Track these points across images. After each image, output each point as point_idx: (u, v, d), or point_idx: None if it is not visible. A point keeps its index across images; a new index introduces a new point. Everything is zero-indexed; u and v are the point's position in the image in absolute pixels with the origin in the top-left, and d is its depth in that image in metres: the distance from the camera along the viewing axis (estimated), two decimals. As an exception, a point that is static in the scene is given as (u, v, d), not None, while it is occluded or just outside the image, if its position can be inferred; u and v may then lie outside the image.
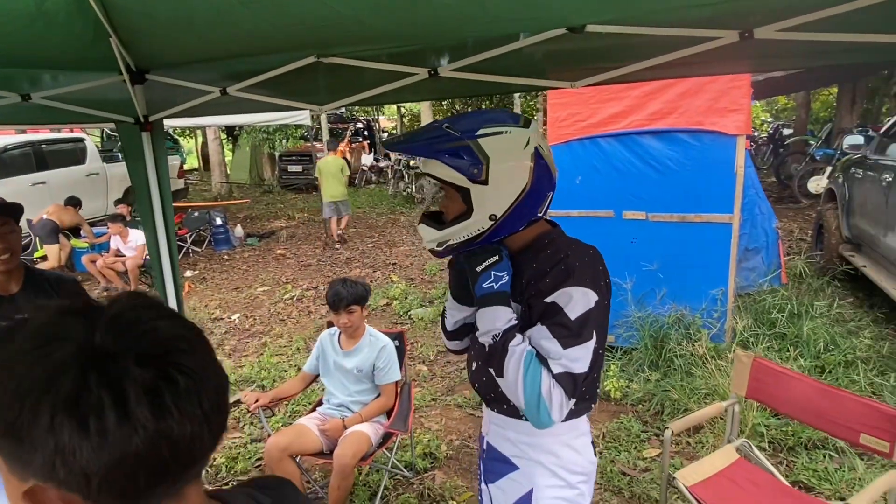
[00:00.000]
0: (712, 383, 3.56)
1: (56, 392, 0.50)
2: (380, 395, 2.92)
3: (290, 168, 15.74)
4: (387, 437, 2.90)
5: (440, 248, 1.39)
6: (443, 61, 2.09)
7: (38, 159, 9.10)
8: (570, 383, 1.21)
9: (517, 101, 13.32)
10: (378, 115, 24.67)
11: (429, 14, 1.90)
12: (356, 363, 2.89)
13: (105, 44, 2.16)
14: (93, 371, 0.51)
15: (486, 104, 13.48)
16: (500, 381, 1.29)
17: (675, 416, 3.47)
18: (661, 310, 4.18)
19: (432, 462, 3.31)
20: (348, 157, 15.89)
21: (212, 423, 0.56)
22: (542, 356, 1.24)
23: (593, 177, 4.28)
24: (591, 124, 4.26)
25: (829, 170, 8.65)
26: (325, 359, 3.00)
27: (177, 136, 19.03)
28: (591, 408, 1.47)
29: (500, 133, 1.31)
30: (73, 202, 7.92)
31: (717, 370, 3.63)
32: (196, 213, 9.65)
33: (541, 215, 1.39)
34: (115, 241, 7.30)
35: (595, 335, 1.25)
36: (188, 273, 8.03)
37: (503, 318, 1.29)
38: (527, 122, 1.36)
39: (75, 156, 9.79)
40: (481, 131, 1.29)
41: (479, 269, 1.34)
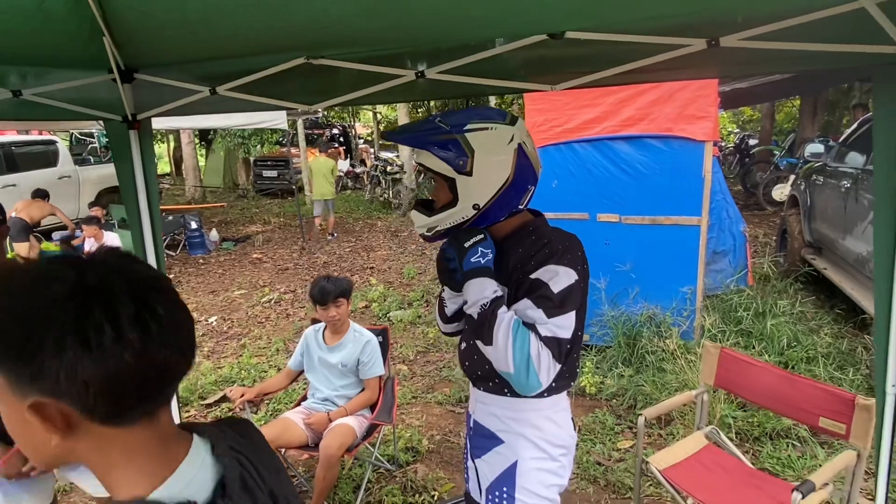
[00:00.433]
0: (682, 378, 3.71)
1: (63, 317, 0.61)
2: (364, 390, 2.99)
3: (266, 173, 15.66)
4: (371, 430, 2.97)
5: (429, 234, 1.51)
6: (429, 64, 2.19)
7: (8, 161, 8.95)
8: (556, 347, 1.32)
9: (492, 103, 13.50)
10: (354, 121, 24.72)
11: (416, 18, 2.01)
12: (341, 358, 2.95)
13: (98, 42, 2.21)
14: (92, 301, 0.62)
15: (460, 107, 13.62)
16: (488, 349, 1.37)
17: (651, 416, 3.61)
18: (634, 308, 4.34)
19: (414, 456, 3.38)
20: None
21: (185, 350, 0.69)
22: (528, 324, 1.34)
23: (569, 180, 4.43)
24: (567, 130, 4.41)
25: (792, 178, 9.00)
26: (309, 355, 3.06)
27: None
28: (571, 385, 1.57)
29: (486, 129, 1.41)
30: (41, 194, 7.74)
31: (686, 365, 3.78)
32: (170, 217, 9.55)
33: (522, 207, 1.50)
34: (90, 244, 7.21)
35: (576, 310, 1.36)
36: (163, 277, 7.96)
37: (490, 287, 1.39)
38: (513, 120, 1.47)
39: (47, 158, 9.65)
40: (469, 126, 1.40)
41: (466, 246, 1.43)
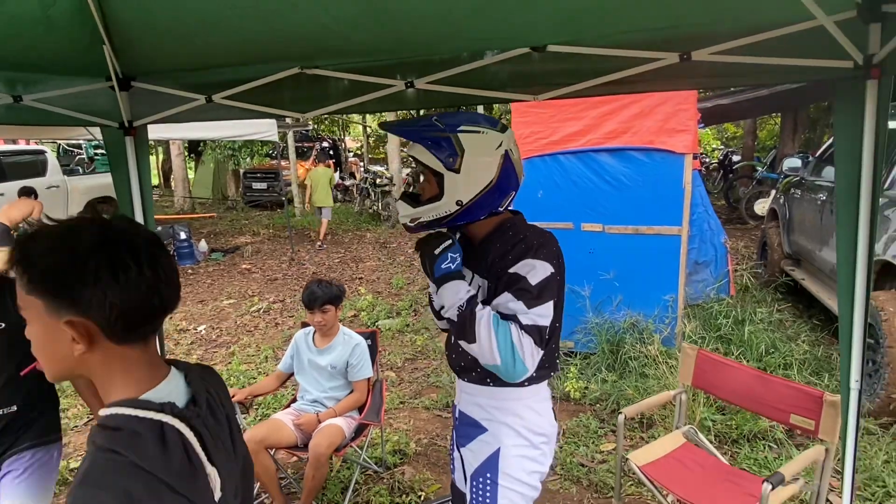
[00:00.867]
0: (664, 382, 3.80)
1: (99, 257, 0.81)
2: (353, 391, 3.06)
3: (255, 185, 15.72)
4: (359, 431, 3.03)
5: (412, 224, 1.60)
6: (418, 75, 2.29)
7: (-4, 170, 8.94)
8: (536, 333, 1.41)
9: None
10: (344, 135, 24.87)
11: (407, 31, 2.12)
12: (330, 360, 3.02)
13: (97, 50, 2.29)
14: (119, 247, 0.83)
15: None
16: (472, 347, 1.45)
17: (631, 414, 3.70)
18: (617, 316, 4.44)
19: (402, 458, 3.44)
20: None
21: (177, 290, 0.92)
22: (507, 315, 1.43)
23: (553, 191, 4.54)
24: (552, 142, 4.54)
25: (773, 193, 9.21)
26: (299, 357, 3.12)
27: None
28: (551, 375, 1.66)
29: (478, 132, 1.52)
30: (27, 192, 7.54)
31: (668, 370, 3.88)
32: (159, 228, 9.56)
33: (502, 209, 1.60)
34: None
35: (553, 301, 1.45)
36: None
37: (464, 289, 1.48)
38: (503, 128, 1.57)
39: (35, 168, 9.64)
40: (462, 127, 1.50)
41: (437, 252, 1.53)
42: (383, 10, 1.97)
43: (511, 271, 1.46)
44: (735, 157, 15.39)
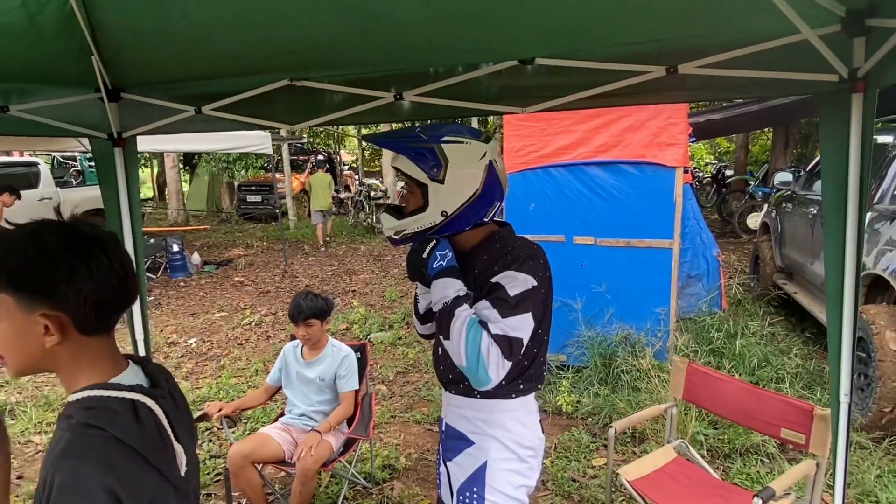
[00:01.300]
0: (656, 396, 3.78)
1: (73, 253, 0.89)
2: (340, 404, 3.02)
3: (250, 198, 15.73)
4: (348, 445, 2.99)
5: (396, 237, 1.60)
6: (407, 87, 2.29)
7: (-13, 182, 8.86)
8: (506, 345, 1.39)
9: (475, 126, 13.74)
10: (339, 148, 24.93)
11: (396, 43, 2.12)
12: (318, 373, 2.99)
13: (86, 61, 2.28)
14: (91, 244, 0.91)
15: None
16: (446, 343, 1.45)
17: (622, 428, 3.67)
18: (609, 329, 4.43)
19: (391, 473, 3.40)
20: (307, 188, 16.01)
21: (136, 281, 0.99)
22: (482, 322, 1.42)
23: (546, 204, 4.55)
24: (544, 155, 4.55)
25: (765, 207, 9.26)
26: (287, 370, 3.09)
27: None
28: (539, 388, 1.65)
29: (462, 142, 1.51)
30: (6, 189, 7.32)
31: (660, 384, 3.86)
32: (152, 240, 9.53)
33: (487, 220, 1.59)
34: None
35: (532, 313, 1.44)
36: (143, 299, 7.90)
37: (453, 286, 1.47)
38: (487, 139, 1.57)
39: (28, 180, 9.58)
40: (446, 138, 1.50)
41: (425, 255, 1.54)
42: (372, 22, 1.97)
43: (493, 281, 1.46)
44: (728, 172, 15.50)
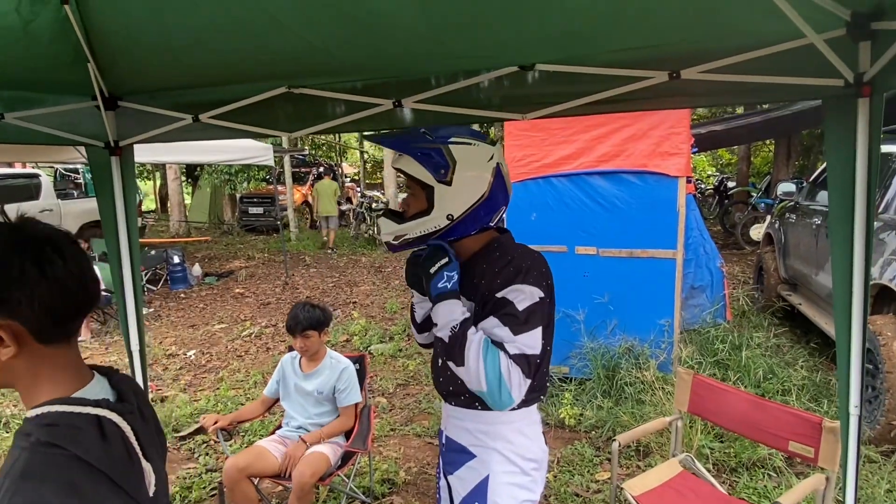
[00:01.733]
0: (661, 409, 3.72)
1: (23, 255, 0.81)
2: (339, 417, 2.97)
3: (252, 210, 15.74)
4: (346, 459, 2.93)
5: (396, 242, 1.53)
6: (406, 94, 2.27)
7: (-12, 194, 8.88)
8: (525, 363, 1.35)
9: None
10: (341, 160, 24.99)
11: (393, 49, 2.09)
12: (317, 385, 2.94)
13: (82, 68, 2.26)
14: (42, 244, 0.83)
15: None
16: (461, 370, 1.39)
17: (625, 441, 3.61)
18: (612, 340, 4.37)
19: (391, 487, 3.33)
20: (310, 200, 16.04)
21: (97, 283, 0.92)
22: (496, 342, 1.37)
23: (547, 214, 4.51)
24: (545, 164, 4.52)
25: (769, 218, 9.22)
26: (285, 382, 3.04)
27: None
28: (542, 398, 1.60)
29: (469, 144, 1.47)
30: None
31: (664, 397, 3.80)
32: (153, 252, 9.51)
33: (492, 225, 1.54)
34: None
35: (541, 326, 1.39)
36: (143, 311, 7.85)
37: (459, 310, 1.42)
38: (493, 142, 1.53)
39: (29, 191, 9.60)
40: (453, 139, 1.45)
41: (432, 272, 1.46)
42: (370, 29, 1.94)
43: (499, 296, 1.41)
44: (730, 184, 15.47)
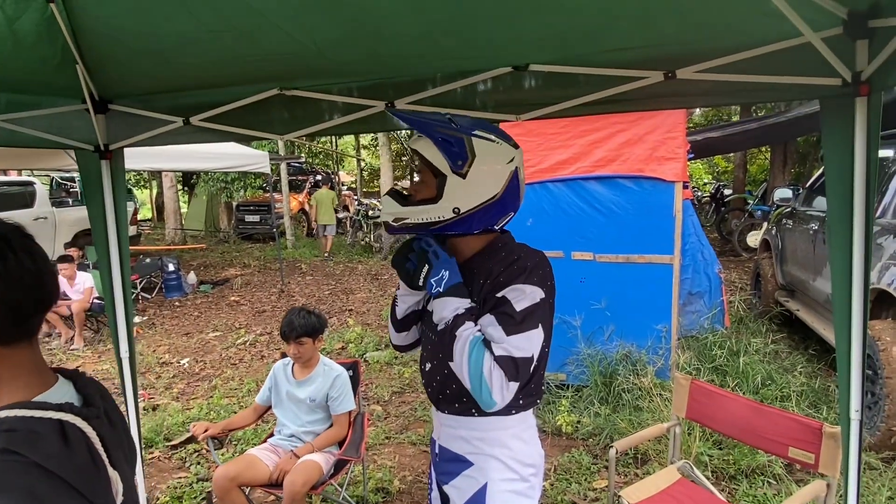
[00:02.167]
0: (659, 415, 3.67)
1: None
2: (332, 425, 2.92)
3: (248, 218, 15.68)
4: (339, 467, 2.88)
5: (395, 224, 1.47)
6: (399, 95, 2.24)
7: (-18, 202, 8.83)
8: (511, 366, 1.30)
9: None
10: (338, 168, 25.00)
11: (386, 50, 2.07)
12: (309, 393, 2.89)
13: (71, 70, 2.23)
14: None
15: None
16: (451, 364, 1.39)
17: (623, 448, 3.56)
18: (609, 346, 4.33)
19: (385, 496, 3.28)
20: (307, 208, 16.03)
21: (55, 278, 0.91)
22: (486, 341, 1.34)
23: (543, 219, 4.48)
24: (541, 170, 4.50)
25: (765, 224, 9.21)
26: (277, 389, 2.99)
27: (130, 185, 18.79)
28: (538, 402, 1.56)
29: (492, 140, 1.42)
30: None
31: (662, 403, 3.76)
32: (148, 259, 9.45)
33: (497, 228, 1.51)
34: (62, 284, 7.08)
35: (541, 326, 1.36)
36: (136, 319, 7.79)
37: (450, 307, 1.39)
38: (516, 146, 1.48)
39: (24, 199, 9.55)
40: (477, 132, 1.40)
41: (420, 284, 1.45)
42: (361, 30, 1.92)
43: (499, 295, 1.37)
44: (727, 191, 15.50)
